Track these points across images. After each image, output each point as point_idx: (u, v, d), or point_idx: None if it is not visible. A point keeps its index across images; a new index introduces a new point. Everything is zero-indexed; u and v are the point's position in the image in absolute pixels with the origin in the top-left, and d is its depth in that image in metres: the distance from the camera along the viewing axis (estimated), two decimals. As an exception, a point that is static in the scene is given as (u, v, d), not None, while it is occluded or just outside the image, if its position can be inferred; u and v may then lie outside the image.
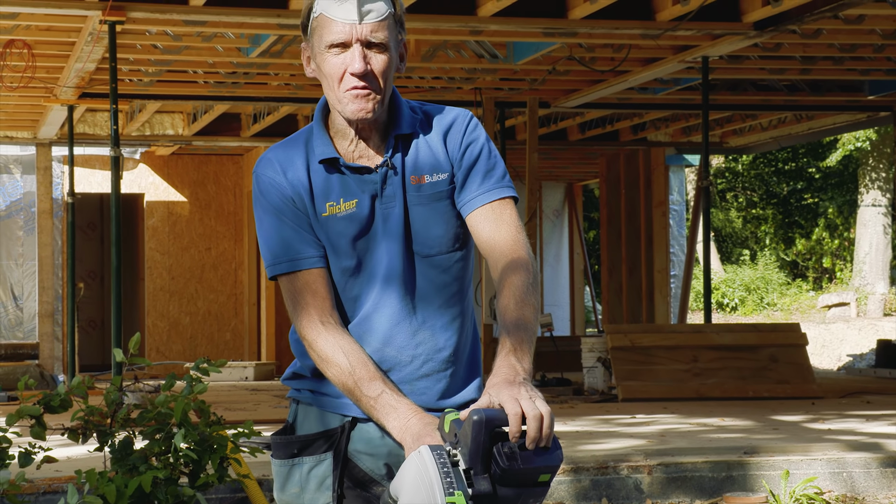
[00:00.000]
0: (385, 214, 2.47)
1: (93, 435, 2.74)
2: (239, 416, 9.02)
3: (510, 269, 2.42)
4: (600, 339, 11.29)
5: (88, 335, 18.39)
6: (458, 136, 2.50)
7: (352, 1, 2.39)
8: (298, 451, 2.54)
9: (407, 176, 2.48)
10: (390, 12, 2.42)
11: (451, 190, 2.49)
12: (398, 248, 2.48)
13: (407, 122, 2.49)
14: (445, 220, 2.50)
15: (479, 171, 2.49)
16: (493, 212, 2.47)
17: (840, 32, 10.73)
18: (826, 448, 6.73)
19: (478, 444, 2.19)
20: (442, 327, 2.52)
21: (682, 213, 17.14)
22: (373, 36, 2.40)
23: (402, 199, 2.47)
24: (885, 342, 14.83)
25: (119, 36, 9.79)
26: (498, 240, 2.45)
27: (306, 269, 2.47)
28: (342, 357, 2.42)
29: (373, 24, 2.39)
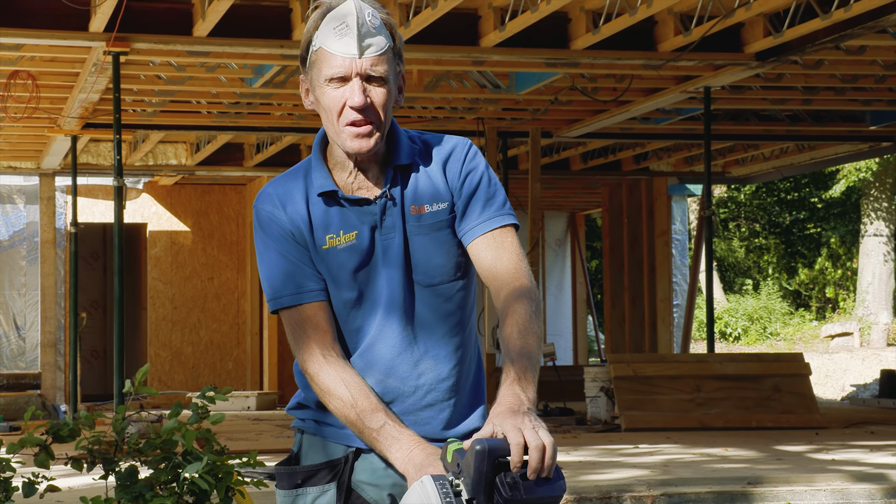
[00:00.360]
0: (385, 245, 2.48)
1: (98, 463, 2.74)
2: (241, 446, 9.00)
3: (513, 299, 2.41)
4: (603, 368, 11.28)
5: (91, 365, 18.37)
6: (457, 164, 2.50)
7: (351, 35, 2.39)
8: (302, 482, 2.53)
9: (407, 206, 2.48)
10: (389, 46, 2.42)
11: (451, 219, 2.49)
12: (399, 278, 2.48)
13: (405, 152, 2.50)
14: (446, 249, 2.50)
15: (480, 199, 2.49)
16: (494, 240, 2.46)
17: (841, 63, 10.77)
18: (830, 479, 6.70)
19: (480, 474, 2.19)
20: (445, 357, 2.52)
21: (684, 242, 17.15)
22: (372, 70, 2.40)
23: (402, 229, 2.48)
24: (889, 372, 14.79)
25: (123, 66, 9.83)
26: (500, 268, 2.45)
27: (307, 303, 2.48)
28: (344, 389, 2.42)
29: (372, 58, 2.40)
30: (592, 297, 21.08)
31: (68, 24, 9.05)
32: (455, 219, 2.49)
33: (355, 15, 2.39)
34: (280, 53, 9.46)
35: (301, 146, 15.44)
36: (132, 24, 9.06)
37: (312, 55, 2.44)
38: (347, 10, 2.40)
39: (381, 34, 2.41)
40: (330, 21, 2.41)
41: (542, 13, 8.58)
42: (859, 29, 8.92)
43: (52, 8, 8.92)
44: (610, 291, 18.16)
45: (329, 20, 2.41)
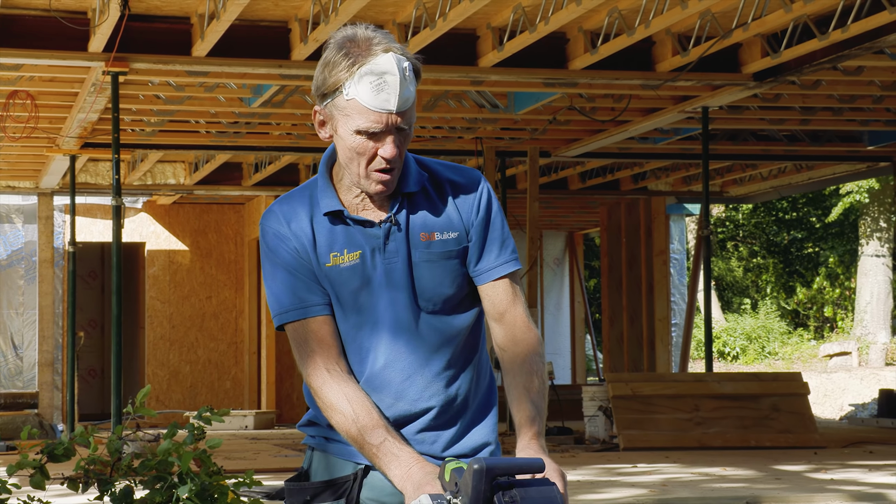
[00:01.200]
0: (388, 269, 2.48)
1: (94, 484, 2.73)
2: (239, 466, 8.98)
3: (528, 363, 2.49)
4: (601, 387, 11.26)
5: (88, 384, 18.34)
6: (473, 200, 2.53)
7: (392, 93, 2.39)
8: (311, 498, 2.55)
9: (416, 232, 2.49)
10: (415, 87, 2.45)
11: (461, 251, 2.52)
12: (404, 301, 2.49)
13: (414, 179, 2.51)
14: (453, 278, 2.52)
15: (496, 241, 2.53)
16: (510, 286, 2.53)
17: (839, 83, 10.80)
18: (829, 498, 6.69)
19: (478, 493, 2.19)
20: (454, 378, 2.53)
21: (682, 261, 17.16)
22: (404, 122, 2.43)
23: (406, 254, 2.48)
24: (888, 392, 14.77)
25: (122, 86, 9.85)
26: (510, 318, 2.52)
27: (312, 318, 2.49)
28: (346, 405, 2.42)
29: (406, 110, 2.42)
30: (591, 317, 21.07)
31: (68, 45, 9.07)
32: (466, 251, 2.52)
33: (397, 75, 2.39)
34: (279, 73, 9.48)
35: (299, 165, 15.46)
36: (131, 44, 9.08)
37: (343, 101, 2.41)
38: (387, 67, 2.40)
39: (412, 84, 2.43)
40: (367, 75, 2.39)
41: (540, 33, 8.61)
42: (856, 50, 8.95)
43: (52, 28, 8.95)
44: (608, 311, 18.15)
45: (366, 73, 2.39)
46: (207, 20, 8.56)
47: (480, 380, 2.59)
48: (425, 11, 8.48)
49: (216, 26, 8.44)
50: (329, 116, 2.46)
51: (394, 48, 2.43)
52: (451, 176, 2.55)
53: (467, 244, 2.52)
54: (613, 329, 17.98)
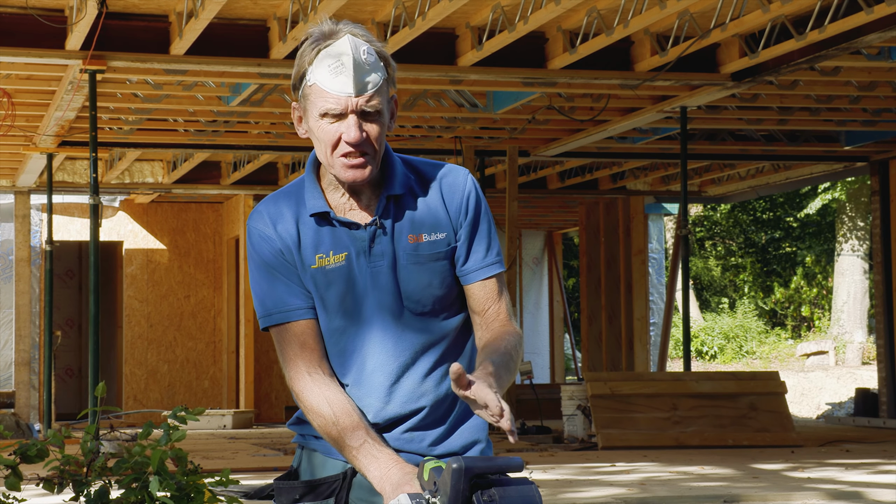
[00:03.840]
0: (374, 272, 2.48)
1: (69, 484, 2.72)
2: (217, 465, 8.96)
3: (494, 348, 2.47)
4: (580, 386, 11.28)
5: (65, 383, 18.26)
6: (461, 198, 2.53)
7: (347, 73, 2.39)
8: (301, 497, 2.55)
9: (403, 234, 2.48)
10: (384, 78, 2.44)
11: (450, 251, 2.51)
12: (390, 304, 2.49)
13: (399, 181, 2.50)
14: (442, 279, 2.51)
15: (482, 241, 2.54)
16: (495, 286, 2.54)
17: (816, 84, 10.85)
18: (806, 497, 6.72)
19: (457, 492, 2.20)
20: (443, 377, 2.53)
21: (661, 261, 17.20)
22: (367, 106, 2.41)
23: (392, 257, 2.48)
24: (864, 391, 14.85)
25: (99, 85, 9.81)
26: (493, 314, 2.53)
27: (295, 321, 2.49)
28: (326, 407, 2.43)
29: (368, 94, 2.41)
30: (569, 316, 21.10)
31: (45, 43, 9.02)
32: (454, 251, 2.52)
33: (351, 54, 2.39)
34: (257, 72, 9.45)
35: (278, 164, 15.42)
36: (109, 42, 9.04)
37: (306, 88, 2.44)
38: (343, 48, 2.40)
39: (375, 70, 2.42)
40: (325, 58, 2.41)
41: (519, 33, 8.61)
42: (833, 50, 8.99)
43: (29, 26, 8.90)
44: (587, 310, 18.18)
45: (324, 57, 2.41)
46: (186, 18, 8.53)
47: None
48: (404, 10, 8.47)
49: (194, 24, 8.41)
50: (302, 109, 2.47)
51: (356, 33, 2.44)
52: (439, 175, 2.54)
53: (456, 244, 2.51)
54: (592, 328, 18.01)
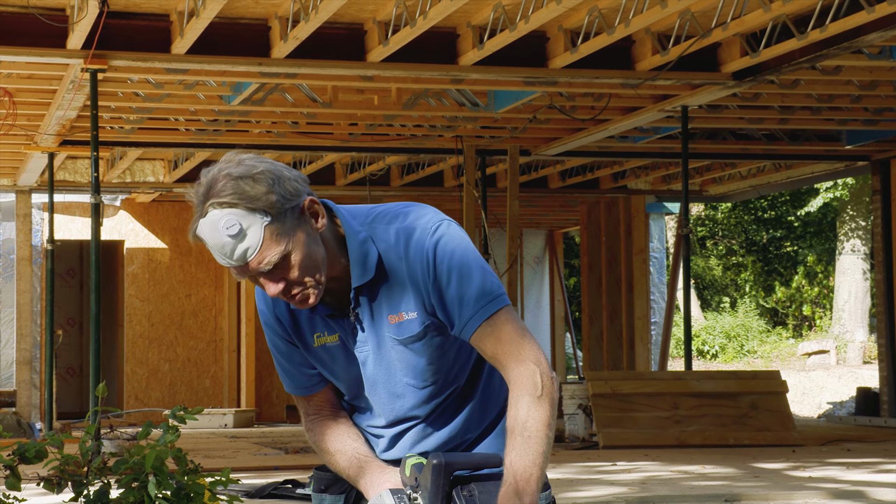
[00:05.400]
0: (363, 358, 2.49)
1: (68, 485, 2.72)
2: (217, 464, 8.96)
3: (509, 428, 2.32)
4: (581, 386, 11.28)
5: (67, 382, 18.26)
6: (425, 265, 2.40)
7: (222, 255, 2.31)
8: (325, 488, 2.65)
9: (383, 316, 2.43)
10: (266, 223, 2.30)
11: (430, 324, 2.43)
12: (388, 380, 2.50)
13: (367, 266, 2.40)
14: (428, 356, 2.46)
15: (455, 298, 2.39)
16: (490, 331, 2.38)
17: (817, 83, 10.84)
18: (807, 496, 6.72)
19: (437, 488, 2.21)
20: (452, 416, 2.52)
21: (662, 260, 17.20)
22: (263, 265, 2.31)
23: (376, 342, 2.46)
24: (865, 390, 14.85)
25: (101, 84, 9.81)
26: (504, 357, 2.38)
27: (311, 395, 2.60)
28: (334, 458, 2.55)
29: (255, 257, 2.31)
30: (570, 315, 21.10)
31: (46, 42, 9.02)
32: (433, 324, 2.43)
33: (212, 241, 2.31)
34: (258, 71, 9.45)
35: (279, 163, 15.41)
36: (110, 41, 9.04)
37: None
38: (205, 233, 2.33)
39: (248, 233, 2.29)
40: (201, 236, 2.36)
41: (520, 32, 8.61)
42: (835, 49, 8.98)
43: (30, 25, 8.90)
44: (588, 309, 18.18)
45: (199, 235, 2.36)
46: (187, 17, 8.53)
47: (488, 408, 2.54)
48: (405, 10, 8.47)
49: (196, 24, 8.41)
50: None
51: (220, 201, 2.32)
52: (406, 236, 2.41)
53: (431, 320, 2.42)
54: (593, 327, 18.01)
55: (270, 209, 2.31)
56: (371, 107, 11.32)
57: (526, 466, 2.23)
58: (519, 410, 2.30)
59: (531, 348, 2.37)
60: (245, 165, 2.37)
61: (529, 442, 2.25)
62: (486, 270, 2.41)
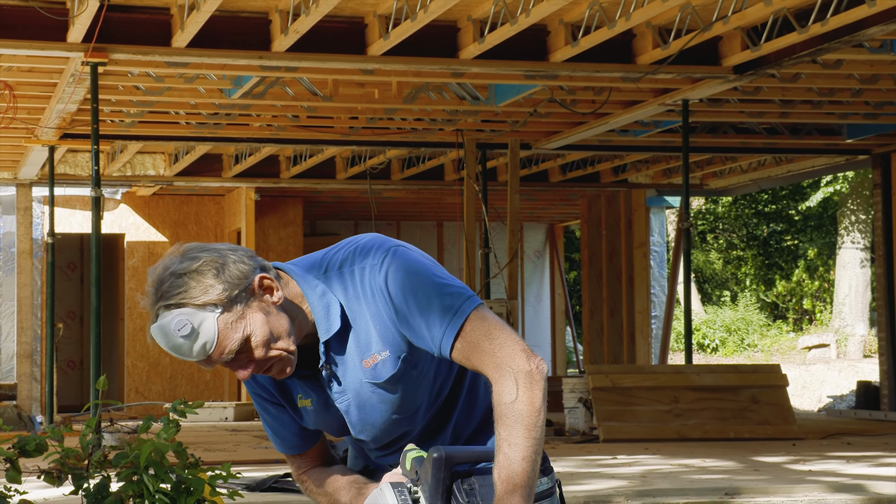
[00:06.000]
0: (345, 407, 2.48)
1: (68, 478, 2.72)
2: (218, 457, 8.96)
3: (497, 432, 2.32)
4: (581, 379, 11.29)
5: (67, 376, 18.27)
6: (383, 299, 2.37)
7: (182, 356, 2.32)
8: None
9: (357, 362, 2.41)
10: (218, 314, 2.29)
11: (405, 358, 2.40)
12: (374, 420, 2.49)
13: (330, 319, 2.39)
14: (410, 386, 2.44)
15: (420, 321, 2.35)
16: (464, 344, 2.34)
17: (818, 77, 10.83)
18: (808, 489, 6.72)
19: (438, 481, 2.22)
20: (443, 423, 2.52)
21: (662, 254, 17.20)
22: (226, 354, 2.32)
23: (355, 388, 2.45)
24: (866, 384, 14.86)
25: (101, 77, 9.80)
26: (482, 367, 2.35)
27: (301, 453, 2.62)
28: (335, 496, 2.57)
29: (214, 350, 2.31)
30: (571, 309, 21.10)
31: (46, 35, 9.02)
32: (407, 356, 2.40)
33: (168, 344, 2.31)
34: (259, 65, 9.45)
35: (280, 157, 15.42)
36: (110, 34, 9.03)
37: None
38: (158, 340, 2.33)
39: (200, 330, 2.29)
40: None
41: (521, 26, 8.60)
42: (836, 43, 8.98)
43: (30, 18, 8.89)
44: (588, 303, 18.18)
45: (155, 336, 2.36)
46: (187, 11, 8.52)
47: (474, 408, 2.54)
48: (406, 3, 8.46)
49: (196, 17, 8.41)
50: None
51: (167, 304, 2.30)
52: (359, 275, 2.39)
53: (406, 352, 2.39)
54: (593, 321, 18.02)
55: (220, 301, 2.29)
56: (372, 100, 11.32)
57: (514, 470, 2.25)
58: (502, 424, 2.30)
59: (503, 349, 2.32)
60: (188, 259, 2.34)
61: (514, 448, 2.25)
62: (441, 284, 2.36)
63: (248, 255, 2.36)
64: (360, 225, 19.74)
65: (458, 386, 2.51)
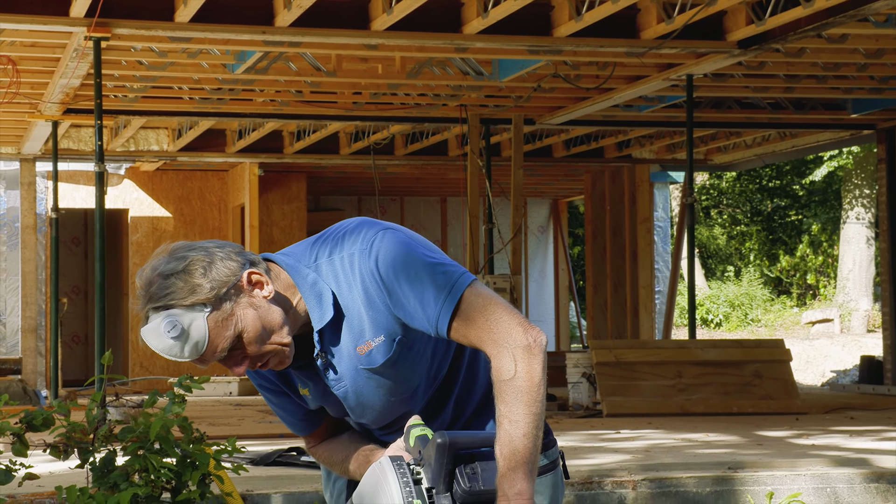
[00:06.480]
0: (343, 394, 2.48)
1: (74, 451, 2.74)
2: (223, 432, 8.99)
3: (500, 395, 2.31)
4: (585, 354, 11.30)
5: (72, 350, 18.32)
6: (376, 285, 2.36)
7: (175, 357, 2.32)
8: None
9: (351, 349, 2.41)
10: (207, 312, 2.30)
11: (399, 341, 2.40)
12: (373, 404, 2.49)
13: (323, 307, 2.38)
14: (406, 369, 2.44)
15: (416, 302, 2.34)
16: (460, 322, 2.33)
17: (823, 51, 10.79)
18: (810, 463, 6.74)
19: (441, 466, 2.23)
20: (443, 402, 2.53)
21: (666, 229, 17.19)
22: (220, 352, 2.33)
23: (351, 375, 2.45)
24: (869, 358, 14.87)
25: (104, 52, 9.78)
26: (479, 343, 2.35)
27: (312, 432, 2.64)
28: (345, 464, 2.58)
29: (208, 350, 2.32)
30: (575, 284, 21.11)
31: (49, 9, 9.00)
32: (402, 340, 2.39)
33: (160, 346, 2.31)
34: (262, 39, 9.42)
35: (283, 132, 15.40)
36: (113, 9, 9.01)
37: None
38: (151, 340, 2.32)
39: (191, 330, 2.29)
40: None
41: (525, 0, 8.57)
42: (841, 17, 8.94)
43: (33, -8, 8.87)
44: (592, 278, 18.19)
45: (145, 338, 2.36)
46: (190, -15, 8.49)
47: (474, 386, 2.54)
48: (409, -23, 8.43)
49: (199, -9, 8.38)
50: None
51: (154, 306, 2.31)
52: (350, 261, 2.38)
53: (401, 335, 2.39)
54: (597, 296, 18.02)
55: (208, 300, 2.30)
56: (375, 76, 11.29)
57: (516, 447, 2.25)
58: (502, 400, 2.30)
59: (500, 324, 2.31)
60: (175, 259, 2.34)
61: (515, 425, 2.25)
62: (433, 263, 2.35)
63: (237, 251, 2.37)
64: (364, 200, 19.73)
65: (456, 364, 2.51)
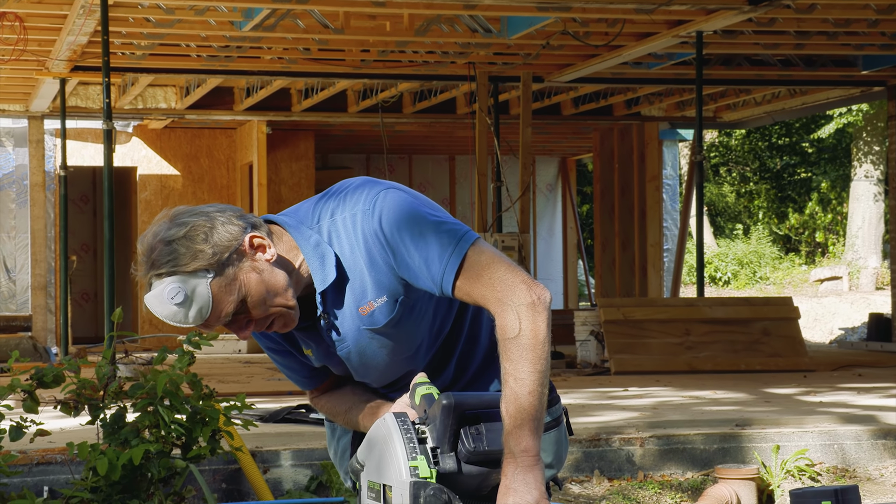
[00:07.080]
0: (345, 354, 2.49)
1: (85, 408, 2.75)
2: (232, 389, 9.04)
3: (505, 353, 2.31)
4: (593, 312, 11.32)
5: (82, 308, 18.39)
6: (380, 245, 2.36)
7: (179, 324, 2.31)
8: None
9: (354, 309, 2.41)
10: (210, 278, 2.29)
11: (402, 302, 2.39)
12: (375, 364, 2.50)
13: (326, 269, 2.38)
14: (408, 329, 2.44)
15: (421, 260, 2.33)
16: (464, 280, 2.32)
17: (834, 7, 10.71)
18: (818, 420, 6.76)
19: (446, 427, 2.24)
20: (446, 360, 2.54)
21: (675, 187, 17.15)
22: (224, 317, 2.32)
23: (354, 336, 2.45)
24: (877, 316, 14.87)
25: (111, 9, 9.75)
26: (483, 302, 2.34)
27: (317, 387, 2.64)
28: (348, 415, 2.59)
29: (210, 316, 2.31)
30: (583, 242, 21.11)
31: (55, -34, 8.96)
32: (404, 300, 2.39)
33: (163, 313, 2.30)
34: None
35: (291, 90, 15.35)
36: (120, -35, 8.97)
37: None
38: (152, 306, 2.31)
39: (194, 296, 2.29)
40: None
41: (533, -45, 8.52)
42: (852, -28, 8.87)
43: (39, -51, 8.84)
44: (600, 236, 18.18)
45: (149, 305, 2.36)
46: (197, -59, 8.45)
47: (477, 346, 2.55)
48: (417, -67, 8.38)
49: (206, -52, 8.34)
50: None
51: (158, 272, 2.30)
52: (353, 221, 2.37)
53: (403, 295, 2.38)
54: (605, 254, 18.02)
55: (210, 265, 2.30)
56: (383, 33, 11.24)
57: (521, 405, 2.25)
58: (507, 358, 2.30)
59: (503, 282, 2.31)
60: (176, 225, 2.35)
61: (520, 383, 2.25)
62: (437, 222, 2.34)
63: (238, 214, 2.37)
64: (372, 158, 19.70)
65: (459, 322, 2.51)
